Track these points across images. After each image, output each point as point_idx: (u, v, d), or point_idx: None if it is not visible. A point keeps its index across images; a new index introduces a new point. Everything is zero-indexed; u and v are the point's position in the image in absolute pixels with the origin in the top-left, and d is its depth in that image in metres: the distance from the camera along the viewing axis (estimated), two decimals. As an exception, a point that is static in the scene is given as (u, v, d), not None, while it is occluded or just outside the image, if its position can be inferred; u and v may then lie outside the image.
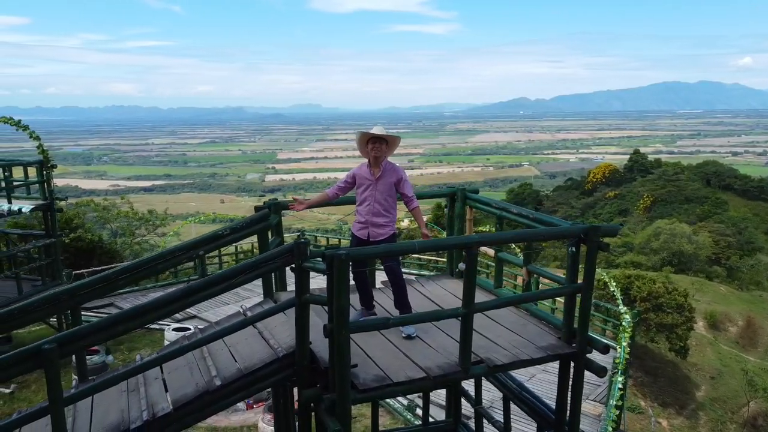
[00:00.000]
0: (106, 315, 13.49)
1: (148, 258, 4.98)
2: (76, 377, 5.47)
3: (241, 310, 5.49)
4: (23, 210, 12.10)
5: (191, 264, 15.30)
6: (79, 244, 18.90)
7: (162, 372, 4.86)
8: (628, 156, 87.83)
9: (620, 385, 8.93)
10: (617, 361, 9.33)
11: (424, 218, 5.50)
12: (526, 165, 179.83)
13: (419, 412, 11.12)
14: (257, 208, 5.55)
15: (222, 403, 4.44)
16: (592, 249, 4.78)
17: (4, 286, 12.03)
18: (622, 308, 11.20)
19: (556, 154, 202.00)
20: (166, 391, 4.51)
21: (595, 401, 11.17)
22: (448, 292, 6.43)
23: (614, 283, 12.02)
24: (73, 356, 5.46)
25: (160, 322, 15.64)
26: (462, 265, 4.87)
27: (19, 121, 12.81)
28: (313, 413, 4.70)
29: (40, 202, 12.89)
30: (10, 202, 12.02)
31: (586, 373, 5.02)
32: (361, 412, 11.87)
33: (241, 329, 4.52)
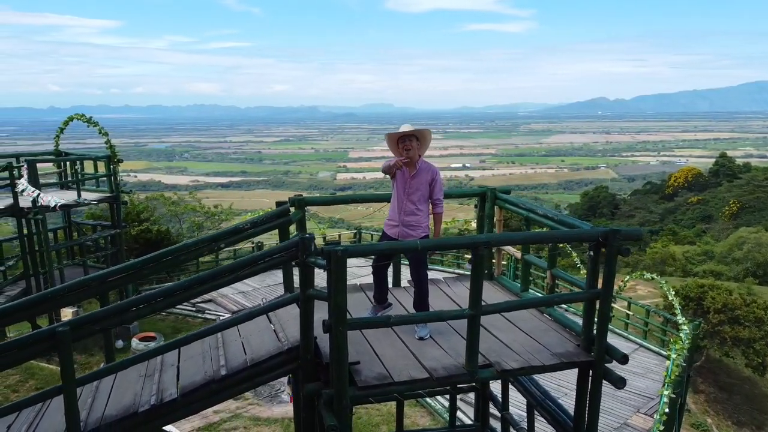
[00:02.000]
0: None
1: (171, 249, 5.14)
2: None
3: (261, 304, 5.60)
4: (86, 201, 12.82)
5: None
6: (147, 235, 19.86)
7: (179, 360, 5.03)
8: (714, 159, 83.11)
9: (666, 399, 8.44)
10: (665, 374, 8.83)
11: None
12: (602, 167, 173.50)
13: (460, 415, 11.01)
14: (278, 204, 5.64)
15: (228, 392, 4.55)
16: (612, 253, 4.55)
17: (73, 273, 12.79)
18: (680, 319, 10.59)
19: (636, 156, 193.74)
20: (178, 378, 4.66)
21: (645, 414, 10.65)
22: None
23: (672, 292, 11.36)
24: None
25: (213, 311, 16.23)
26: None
27: (90, 118, 13.58)
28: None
29: (107, 194, 13.64)
30: (79, 195, 12.77)
31: (637, 385, 4.78)
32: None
33: (246, 321, 4.60)
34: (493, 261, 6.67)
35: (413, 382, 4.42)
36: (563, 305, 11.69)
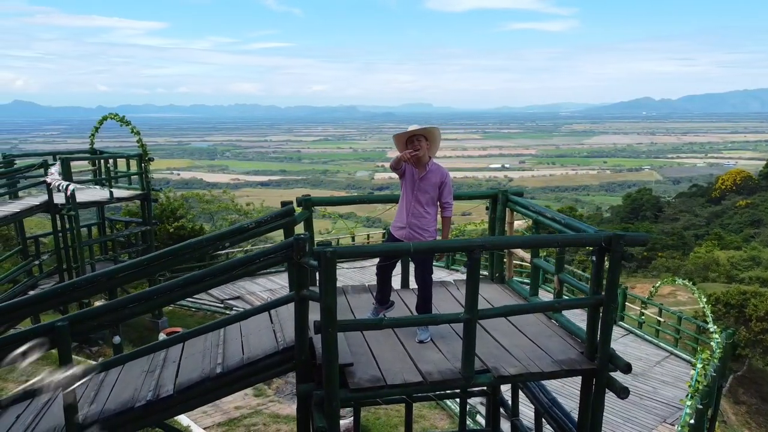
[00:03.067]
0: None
1: (177, 247, 5.22)
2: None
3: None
4: (116, 196, 13.16)
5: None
6: (182, 232, 20.29)
7: (181, 357, 5.10)
8: (765, 162, 79.99)
9: (689, 410, 8.13)
10: (688, 383, 8.52)
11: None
12: (647, 169, 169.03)
13: (480, 419, 10.87)
14: (283, 204, 5.66)
15: (224, 390, 4.58)
16: (615, 258, 4.41)
17: (105, 268, 13.16)
18: (711, 326, 10.21)
19: (682, 158, 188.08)
20: (177, 375, 4.72)
21: (672, 425, 10.32)
22: (482, 298, 6.21)
23: (704, 299, 10.96)
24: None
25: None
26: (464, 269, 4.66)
27: (123, 117, 13.95)
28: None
29: (138, 192, 13.98)
30: (110, 192, 13.13)
31: (665, 394, 4.62)
32: (422, 413, 11.80)
33: (242, 320, 4.63)
34: (505, 264, 6.57)
35: (406, 386, 4.37)
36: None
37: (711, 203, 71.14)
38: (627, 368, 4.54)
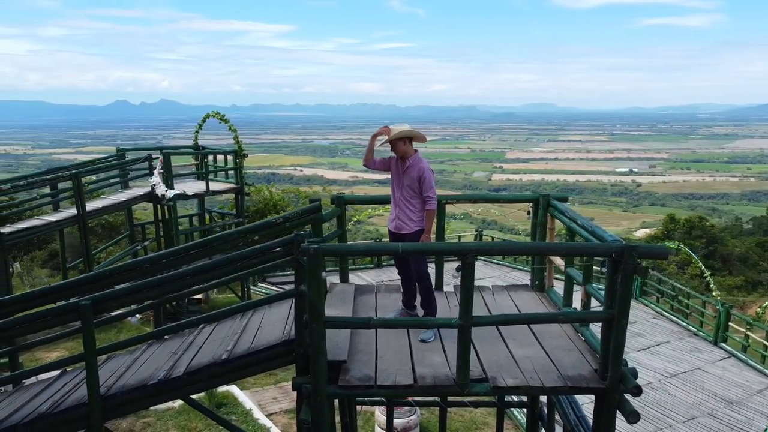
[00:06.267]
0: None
1: (209, 239, 5.55)
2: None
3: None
4: (211, 189, 14.06)
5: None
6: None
7: (205, 341, 5.41)
8: None
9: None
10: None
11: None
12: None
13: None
14: (311, 200, 5.81)
15: (228, 376, 4.82)
16: (627, 271, 4.07)
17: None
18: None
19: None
20: (193, 358, 5.01)
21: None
22: (513, 304, 6.00)
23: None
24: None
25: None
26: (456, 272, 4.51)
27: (223, 115, 14.92)
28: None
29: (232, 185, 14.88)
30: (207, 186, 14.10)
31: (760, 426, 4.27)
32: (486, 420, 11.52)
33: (248, 310, 4.82)
34: (545, 273, 6.28)
35: (396, 388, 4.33)
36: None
37: None
38: (637, 390, 4.18)
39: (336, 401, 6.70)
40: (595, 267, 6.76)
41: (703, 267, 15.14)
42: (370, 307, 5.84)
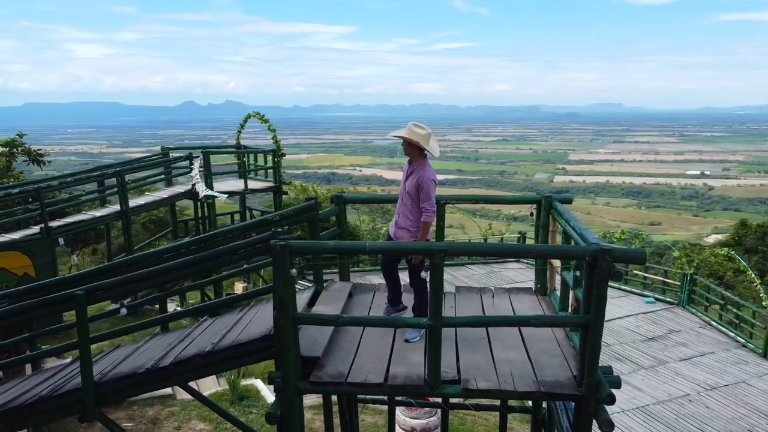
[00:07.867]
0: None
1: (209, 234, 5.73)
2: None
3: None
4: (250, 188, 14.42)
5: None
6: (326, 225, 21.57)
7: (201, 333, 5.58)
8: None
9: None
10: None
11: None
12: None
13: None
14: (307, 199, 5.88)
15: (212, 368, 4.96)
16: (602, 275, 3.93)
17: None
18: None
19: None
20: (184, 349, 5.18)
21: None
22: (510, 307, 5.88)
23: None
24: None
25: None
26: (424, 274, 4.46)
27: (263, 116, 15.28)
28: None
29: (270, 184, 15.22)
30: (245, 184, 14.49)
31: None
32: (511, 425, 11.29)
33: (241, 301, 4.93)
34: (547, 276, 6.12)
35: (365, 386, 4.35)
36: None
37: None
38: (609, 399, 4.03)
39: (335, 399, 6.79)
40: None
41: (753, 275, 14.30)
42: (365, 306, 5.86)
